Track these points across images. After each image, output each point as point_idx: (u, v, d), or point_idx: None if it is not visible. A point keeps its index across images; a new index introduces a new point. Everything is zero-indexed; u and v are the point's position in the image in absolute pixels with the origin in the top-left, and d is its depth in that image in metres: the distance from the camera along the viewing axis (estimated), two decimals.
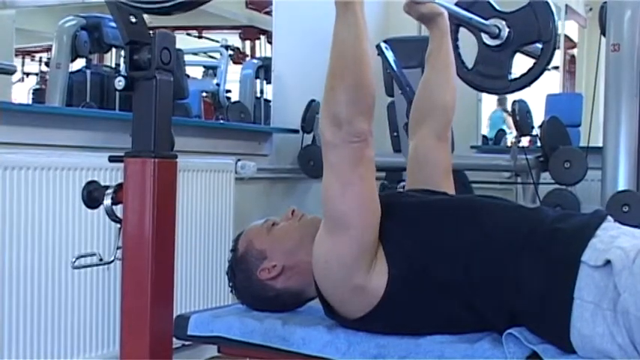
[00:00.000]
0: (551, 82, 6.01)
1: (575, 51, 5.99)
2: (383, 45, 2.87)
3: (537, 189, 3.47)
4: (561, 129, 3.53)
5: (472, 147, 4.36)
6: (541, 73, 2.28)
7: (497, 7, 2.20)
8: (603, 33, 3.29)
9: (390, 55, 2.85)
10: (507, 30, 2.16)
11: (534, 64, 2.24)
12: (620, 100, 3.18)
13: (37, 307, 2.33)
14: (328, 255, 1.47)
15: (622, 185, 3.16)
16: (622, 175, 3.18)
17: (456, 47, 2.11)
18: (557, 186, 3.36)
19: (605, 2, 3.27)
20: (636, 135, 3.18)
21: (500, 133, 5.55)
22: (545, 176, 3.48)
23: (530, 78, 2.26)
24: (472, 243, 1.44)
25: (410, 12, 1.80)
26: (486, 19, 2.16)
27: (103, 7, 1.46)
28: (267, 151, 3.60)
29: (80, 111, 3.04)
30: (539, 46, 2.21)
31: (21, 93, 3.72)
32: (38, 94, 3.70)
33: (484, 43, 2.23)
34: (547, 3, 2.19)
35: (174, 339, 1.48)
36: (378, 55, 2.87)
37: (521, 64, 2.31)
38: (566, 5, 5.47)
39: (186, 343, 1.87)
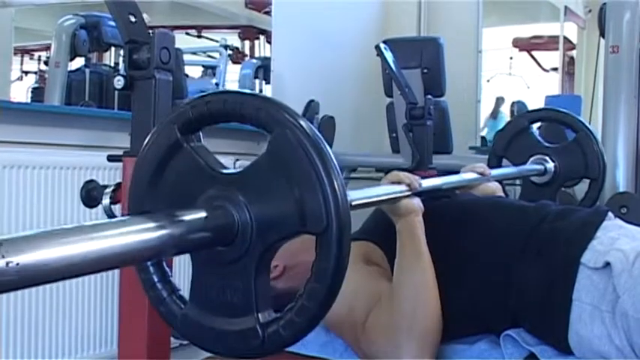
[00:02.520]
0: (550, 83, 6.02)
1: (574, 52, 6.00)
2: (382, 45, 2.87)
3: None
4: (560, 130, 3.53)
5: (470, 148, 4.37)
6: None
7: (541, 141, 2.21)
8: (602, 34, 3.30)
9: (389, 55, 2.85)
10: (553, 165, 2.17)
11: (582, 200, 2.24)
12: (619, 101, 3.18)
13: (35, 307, 2.33)
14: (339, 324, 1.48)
15: (620, 187, 3.16)
16: (620, 176, 3.19)
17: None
18: None
19: (605, 4, 3.27)
20: (634, 136, 3.18)
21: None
22: None
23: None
24: (476, 244, 1.44)
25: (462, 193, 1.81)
26: (530, 154, 2.18)
27: (103, 6, 1.46)
28: None
29: (79, 110, 3.04)
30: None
31: (20, 91, 3.72)
32: (37, 93, 3.71)
33: (529, 180, 2.23)
34: (594, 137, 2.19)
35: (171, 338, 1.48)
36: (378, 55, 2.87)
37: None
38: (565, 7, 5.48)
39: (184, 342, 1.87)
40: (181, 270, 2.84)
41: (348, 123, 3.80)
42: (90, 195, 1.46)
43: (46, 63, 3.72)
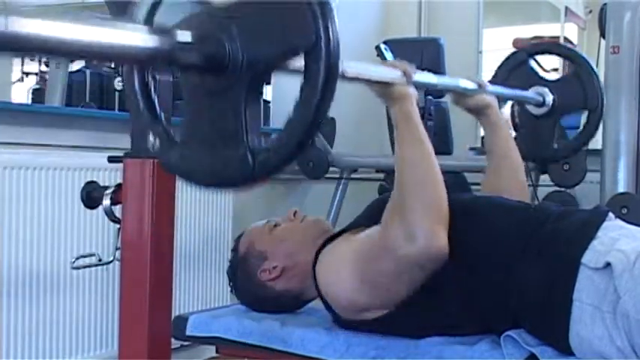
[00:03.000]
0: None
1: None
2: (382, 46, 2.86)
3: (536, 191, 3.47)
4: (560, 131, 3.52)
5: (471, 149, 4.36)
6: (588, 142, 2.27)
7: (541, 75, 2.20)
8: (603, 35, 3.29)
9: (389, 56, 2.84)
10: (552, 97, 2.16)
11: (580, 132, 2.24)
12: (620, 102, 3.17)
13: (36, 307, 2.33)
14: (345, 296, 1.48)
15: (621, 187, 3.15)
16: (621, 177, 3.18)
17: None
18: (556, 188, 3.35)
19: (605, 4, 3.27)
20: (635, 137, 3.18)
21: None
22: (545, 178, 3.48)
23: (576, 146, 2.26)
24: (477, 244, 1.44)
25: (457, 103, 1.79)
26: (530, 86, 2.16)
27: (103, 7, 1.46)
28: None
29: (80, 111, 3.03)
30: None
31: (20, 93, 3.72)
32: (38, 94, 3.70)
33: (527, 111, 2.22)
34: (593, 70, 2.18)
35: (172, 339, 1.48)
36: (377, 56, 2.87)
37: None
38: (566, 7, 5.47)
39: (185, 343, 1.87)
40: (180, 271, 2.84)
41: (349, 124, 3.80)
42: (90, 196, 1.46)
43: (46, 64, 3.71)
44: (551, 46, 2.39)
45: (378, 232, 1.41)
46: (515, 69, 2.23)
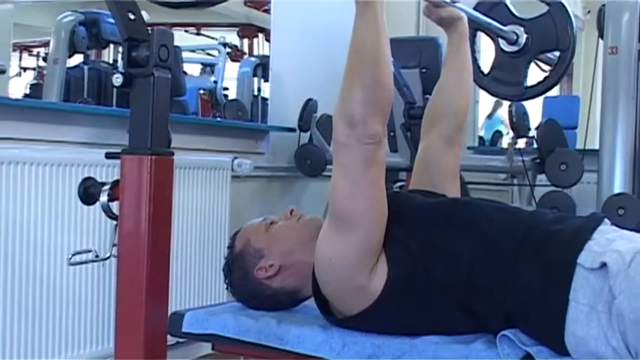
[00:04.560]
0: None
1: None
2: None
3: (533, 191, 3.48)
4: (558, 131, 3.53)
5: (469, 148, 4.37)
6: (557, 81, 2.28)
7: (516, 14, 2.20)
8: (601, 35, 3.30)
9: None
10: (525, 37, 2.16)
11: (550, 71, 2.24)
12: (617, 102, 3.18)
13: (32, 304, 2.33)
14: (333, 253, 1.46)
15: (618, 188, 3.16)
16: (618, 177, 3.19)
17: (472, 52, 2.12)
18: (553, 188, 3.36)
19: (603, 5, 3.27)
20: (633, 138, 3.18)
21: (497, 135, 5.55)
22: (542, 178, 3.49)
23: (546, 86, 2.26)
24: (473, 245, 1.44)
25: (429, 15, 1.79)
26: (505, 25, 2.16)
27: (102, 3, 1.46)
28: (263, 149, 3.60)
29: (77, 107, 3.04)
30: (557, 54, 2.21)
31: (18, 88, 3.72)
32: (35, 89, 3.70)
33: (501, 49, 2.22)
34: (566, 10, 2.19)
35: (168, 336, 1.48)
36: None
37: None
38: None
39: (181, 340, 1.87)
40: (177, 268, 2.84)
41: None
42: (87, 192, 1.45)
43: (44, 59, 3.71)
44: None
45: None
46: (492, 8, 2.22)
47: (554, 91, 5.69)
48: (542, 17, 2.19)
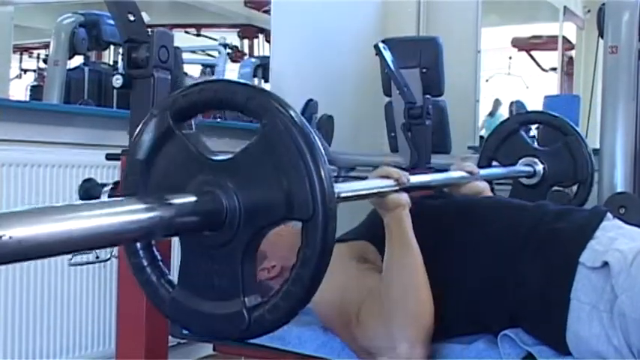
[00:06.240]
0: (548, 83, 6.02)
1: (573, 53, 5.99)
2: (381, 45, 2.87)
3: None
4: (556, 134, 3.52)
5: (469, 147, 4.36)
6: None
7: (531, 144, 2.23)
8: (601, 35, 3.29)
9: (388, 55, 2.85)
10: (541, 167, 2.18)
11: (572, 200, 2.26)
12: (618, 102, 3.17)
13: (33, 305, 2.33)
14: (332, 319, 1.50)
15: (619, 187, 3.15)
16: (619, 176, 3.18)
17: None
18: (554, 187, 3.35)
19: (604, 4, 3.27)
20: (633, 137, 3.18)
21: None
22: None
23: None
24: (475, 244, 1.44)
25: (454, 194, 1.81)
26: (519, 157, 2.19)
27: (102, 5, 1.46)
28: None
29: (78, 108, 3.03)
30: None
31: (19, 90, 3.72)
32: (36, 91, 3.70)
33: (518, 181, 2.24)
34: (583, 141, 2.21)
35: (169, 337, 1.48)
36: (376, 55, 2.87)
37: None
38: (565, 7, 5.47)
39: (182, 341, 1.87)
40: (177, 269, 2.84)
41: (347, 122, 3.80)
42: (88, 193, 1.46)
43: (45, 61, 3.71)
44: (541, 117, 2.41)
45: (363, 310, 1.44)
46: (506, 139, 2.25)
47: (555, 90, 5.71)
48: (559, 148, 2.22)
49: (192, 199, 0.82)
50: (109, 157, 1.46)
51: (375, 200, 1.45)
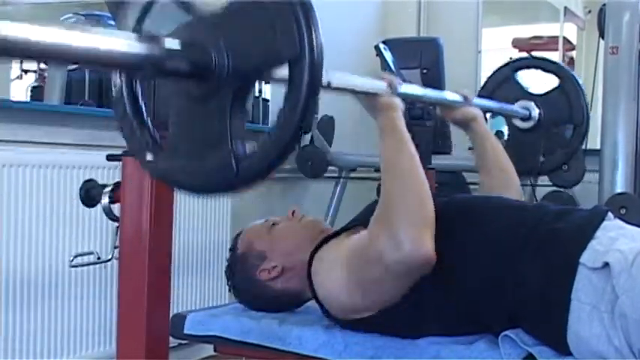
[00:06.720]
0: (549, 83, 6.01)
1: (573, 53, 5.99)
2: (382, 46, 2.87)
3: (535, 191, 3.47)
4: (561, 135, 3.52)
5: (470, 148, 4.36)
6: (572, 156, 2.29)
7: (526, 89, 2.22)
8: (602, 35, 3.29)
9: (388, 55, 2.85)
10: (537, 112, 2.18)
11: (567, 146, 2.26)
12: (619, 102, 3.17)
13: (34, 306, 2.33)
14: (337, 297, 1.49)
15: (619, 187, 3.16)
16: (620, 177, 3.18)
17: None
18: (554, 188, 3.36)
19: (604, 5, 3.27)
20: (634, 137, 3.18)
21: (499, 135, 5.54)
22: (543, 178, 3.48)
23: (561, 160, 2.28)
24: (475, 244, 1.44)
25: (444, 116, 1.81)
26: (515, 101, 2.18)
27: (102, 5, 1.46)
28: None
29: (78, 109, 3.03)
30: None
31: (19, 90, 3.72)
32: (36, 92, 3.70)
33: (514, 125, 2.24)
34: (578, 85, 2.21)
35: (170, 338, 1.48)
36: (377, 55, 2.88)
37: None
38: (565, 7, 5.47)
39: (183, 342, 1.87)
40: (178, 270, 2.84)
41: (348, 123, 3.80)
42: (89, 194, 1.46)
43: (45, 62, 3.71)
44: (535, 61, 2.43)
45: (366, 239, 1.41)
46: (502, 84, 2.26)
47: None
48: (554, 92, 2.21)
49: (178, 42, 0.84)
50: (109, 157, 1.46)
51: (366, 100, 1.44)
